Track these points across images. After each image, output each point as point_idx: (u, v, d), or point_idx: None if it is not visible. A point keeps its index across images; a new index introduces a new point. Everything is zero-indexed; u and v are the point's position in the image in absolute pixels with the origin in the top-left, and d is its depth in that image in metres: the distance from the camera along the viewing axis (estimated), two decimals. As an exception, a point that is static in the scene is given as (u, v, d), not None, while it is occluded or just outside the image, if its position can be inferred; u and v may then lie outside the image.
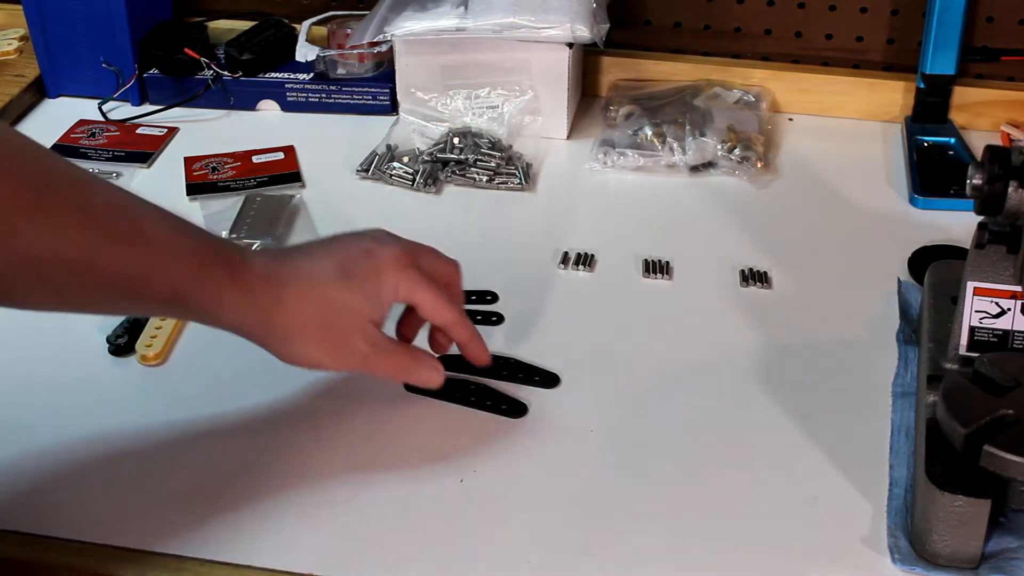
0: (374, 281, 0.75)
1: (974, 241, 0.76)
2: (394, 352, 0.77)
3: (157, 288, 0.69)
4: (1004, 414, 0.70)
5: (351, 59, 1.23)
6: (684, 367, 0.88)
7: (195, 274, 0.70)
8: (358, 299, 0.74)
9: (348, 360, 0.75)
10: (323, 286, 0.74)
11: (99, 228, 0.67)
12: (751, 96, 1.23)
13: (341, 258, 0.76)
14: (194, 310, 0.72)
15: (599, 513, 0.75)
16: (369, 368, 0.76)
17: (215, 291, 0.71)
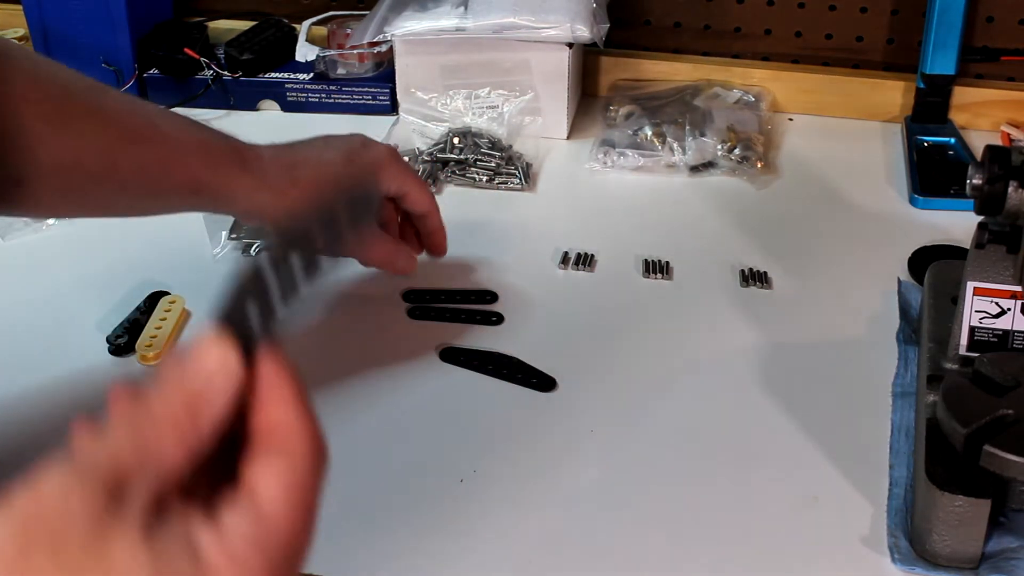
0: (373, 172, 0.82)
1: (974, 241, 0.76)
2: (384, 241, 0.85)
3: (175, 180, 0.74)
4: (1004, 414, 0.70)
5: (351, 59, 1.23)
6: (684, 367, 0.88)
7: (210, 163, 0.75)
8: (362, 180, 0.79)
9: (348, 248, 0.79)
10: (334, 167, 0.81)
11: (117, 130, 0.72)
12: (751, 96, 1.23)
13: (344, 149, 0.84)
14: (212, 198, 0.77)
15: (599, 513, 0.75)
16: (364, 254, 0.84)
17: (231, 177, 0.76)
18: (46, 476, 0.37)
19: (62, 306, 0.94)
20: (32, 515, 0.36)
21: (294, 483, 0.40)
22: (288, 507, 0.39)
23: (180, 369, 0.40)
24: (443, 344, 0.89)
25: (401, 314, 0.93)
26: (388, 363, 0.88)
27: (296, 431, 0.40)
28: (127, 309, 0.92)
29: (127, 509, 0.36)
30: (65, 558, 0.35)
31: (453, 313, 0.92)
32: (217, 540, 0.38)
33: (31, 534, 0.35)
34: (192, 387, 0.39)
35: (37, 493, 0.37)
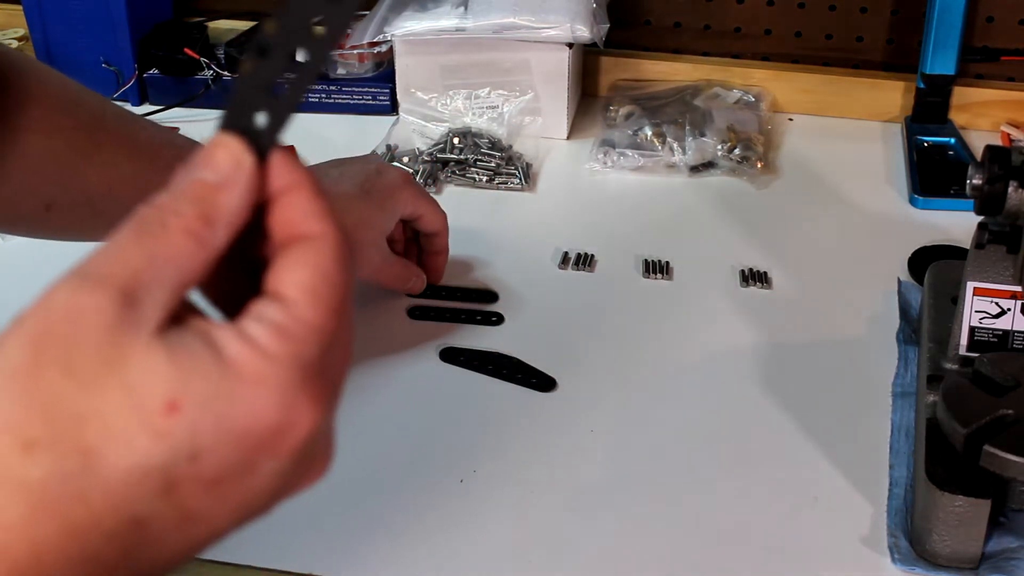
0: (390, 198, 0.85)
1: (974, 241, 0.76)
2: (396, 263, 0.88)
3: None
4: (1004, 414, 0.70)
5: (351, 59, 1.23)
6: (684, 367, 0.88)
7: None
8: (377, 214, 0.84)
9: (363, 270, 0.83)
10: (349, 204, 0.82)
11: (147, 160, 0.72)
12: (751, 96, 1.23)
13: (359, 178, 0.85)
14: None
15: (599, 513, 0.75)
16: (377, 277, 0.87)
17: None
18: (55, 288, 0.35)
19: (62, 306, 0.94)
20: (43, 329, 0.34)
21: (320, 274, 0.37)
22: (315, 299, 0.36)
23: (189, 170, 0.37)
24: (443, 344, 0.89)
25: (401, 314, 0.93)
26: (388, 363, 0.88)
27: (316, 226, 0.38)
28: (127, 309, 0.92)
29: (142, 314, 0.34)
30: (79, 369, 0.33)
31: (453, 313, 0.92)
32: (241, 337, 0.35)
33: (42, 348, 0.33)
34: (204, 184, 0.37)
35: (47, 306, 0.34)
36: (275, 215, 0.38)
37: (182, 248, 0.35)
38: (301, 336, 0.35)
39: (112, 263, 0.35)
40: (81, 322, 0.33)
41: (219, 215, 0.36)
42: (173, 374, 0.33)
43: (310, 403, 0.35)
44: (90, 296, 0.34)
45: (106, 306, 0.34)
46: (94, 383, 0.33)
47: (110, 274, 0.34)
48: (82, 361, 0.33)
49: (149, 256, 0.35)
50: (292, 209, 0.37)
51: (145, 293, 0.34)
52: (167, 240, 0.35)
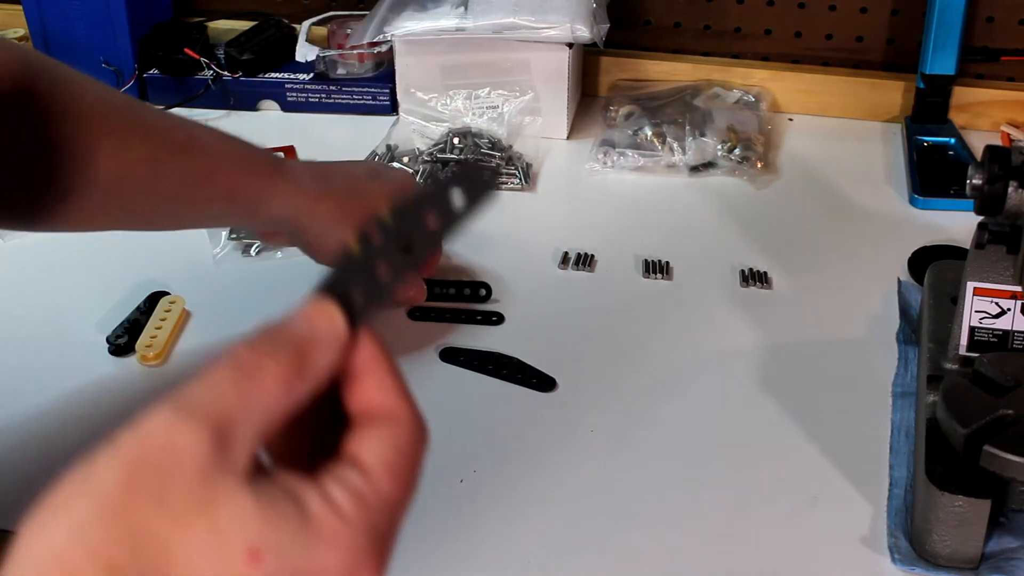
0: (396, 185, 0.86)
1: (974, 241, 0.76)
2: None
3: (215, 189, 0.77)
4: (1004, 414, 0.70)
5: (351, 59, 1.23)
6: (684, 367, 0.88)
7: (248, 170, 0.78)
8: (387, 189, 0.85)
9: None
10: (361, 181, 0.85)
11: (160, 142, 0.74)
12: (751, 96, 1.23)
13: (368, 167, 0.91)
14: (248, 205, 0.79)
15: (599, 513, 0.75)
16: None
17: (268, 183, 0.78)
18: (151, 417, 0.35)
19: (62, 306, 0.94)
20: (138, 457, 0.35)
21: (398, 451, 0.39)
22: (392, 474, 0.39)
23: (286, 323, 0.39)
24: (443, 344, 0.89)
25: (401, 314, 0.93)
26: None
27: (398, 405, 0.40)
28: (127, 309, 0.92)
29: (233, 457, 0.35)
30: (171, 504, 0.34)
31: (453, 313, 0.92)
32: (323, 498, 0.37)
33: (136, 477, 0.34)
34: (302, 338, 0.39)
35: (143, 434, 0.35)
36: (358, 386, 0.40)
37: (274, 394, 0.37)
38: (377, 506, 0.38)
39: (208, 400, 0.36)
40: (176, 457, 0.34)
41: (310, 370, 0.38)
42: (258, 523, 0.35)
43: (373, 567, 0.38)
44: (186, 432, 0.35)
45: (201, 445, 0.35)
46: (184, 520, 0.34)
47: (206, 412, 0.35)
48: (174, 496, 0.34)
49: (243, 398, 0.36)
50: (374, 386, 0.40)
51: (237, 435, 0.35)
52: (262, 385, 0.37)
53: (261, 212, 0.80)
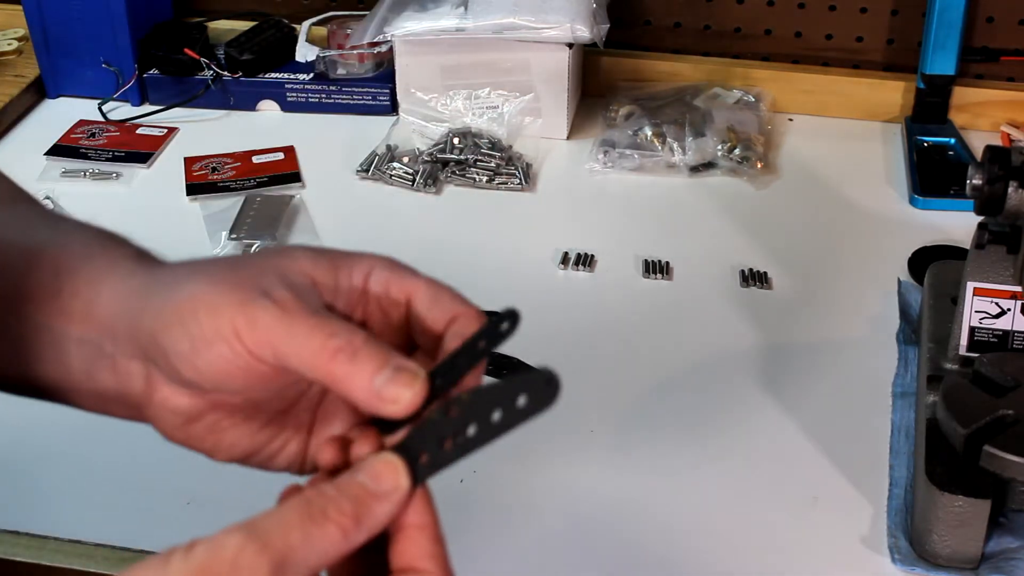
0: (337, 251, 0.50)
1: (974, 241, 0.76)
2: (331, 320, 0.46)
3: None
4: (1004, 414, 0.70)
5: (351, 59, 1.23)
6: (684, 367, 0.88)
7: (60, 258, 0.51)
8: (302, 253, 0.49)
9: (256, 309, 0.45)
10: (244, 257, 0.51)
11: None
12: (751, 96, 1.23)
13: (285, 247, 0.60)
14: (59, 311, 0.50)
15: (599, 513, 0.75)
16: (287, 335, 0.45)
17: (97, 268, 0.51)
18: (228, 534, 0.40)
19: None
20: (206, 566, 0.39)
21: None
22: None
23: (357, 472, 0.43)
24: (443, 344, 0.89)
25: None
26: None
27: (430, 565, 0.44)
28: (127, 309, 0.92)
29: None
30: None
31: (453, 313, 0.92)
32: None
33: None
34: (366, 491, 0.42)
35: (216, 547, 0.40)
36: (403, 541, 0.44)
37: (332, 539, 0.41)
38: None
39: (277, 533, 0.40)
40: (237, 572, 0.39)
41: (368, 520, 0.42)
42: None
43: None
44: (251, 556, 0.39)
45: (260, 570, 0.39)
46: None
47: (272, 543, 0.40)
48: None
49: (306, 538, 0.41)
50: (416, 545, 0.44)
51: (292, 569, 0.40)
52: (323, 529, 0.41)
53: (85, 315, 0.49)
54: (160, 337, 0.46)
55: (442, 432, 0.44)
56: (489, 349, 0.47)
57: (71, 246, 0.51)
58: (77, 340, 0.49)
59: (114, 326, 0.48)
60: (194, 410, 0.49)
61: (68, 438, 0.81)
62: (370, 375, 0.44)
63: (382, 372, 0.44)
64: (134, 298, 0.48)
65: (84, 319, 0.49)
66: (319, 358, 0.44)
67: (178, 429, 0.50)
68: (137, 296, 0.48)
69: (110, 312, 0.48)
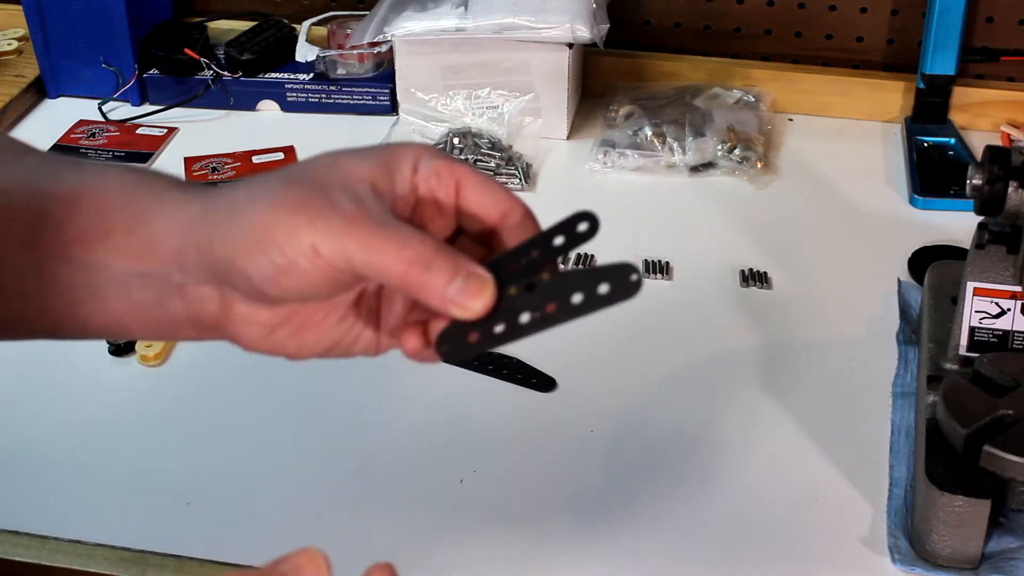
0: (381, 148, 0.51)
1: (974, 241, 0.76)
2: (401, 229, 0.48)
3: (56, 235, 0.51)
4: (1004, 414, 0.70)
5: (351, 59, 1.23)
6: (684, 367, 0.88)
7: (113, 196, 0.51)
8: (352, 159, 0.50)
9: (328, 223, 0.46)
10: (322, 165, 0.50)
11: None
12: (751, 96, 1.23)
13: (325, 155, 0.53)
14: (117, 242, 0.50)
15: (599, 513, 0.75)
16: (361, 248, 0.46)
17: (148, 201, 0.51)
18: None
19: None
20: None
21: None
22: None
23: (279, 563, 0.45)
24: (443, 344, 0.89)
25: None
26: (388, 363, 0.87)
27: None
28: (127, 309, 0.92)
29: None
30: None
31: (453, 313, 0.92)
32: None
33: None
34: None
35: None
36: None
37: None
38: None
39: None
40: None
41: None
42: None
43: None
44: None
45: None
46: None
47: None
48: None
49: None
50: None
51: None
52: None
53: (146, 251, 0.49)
54: (240, 263, 0.47)
55: (520, 306, 0.47)
56: (568, 248, 0.52)
57: (107, 186, 0.51)
58: (139, 275, 0.50)
59: (181, 256, 0.49)
60: (275, 321, 0.51)
61: (68, 438, 0.81)
62: (444, 284, 0.46)
63: (454, 281, 0.47)
64: (196, 227, 0.49)
65: (145, 254, 0.49)
66: (395, 269, 0.46)
67: (260, 340, 0.51)
68: (198, 225, 0.49)
69: (172, 244, 0.49)
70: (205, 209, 0.49)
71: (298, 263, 0.46)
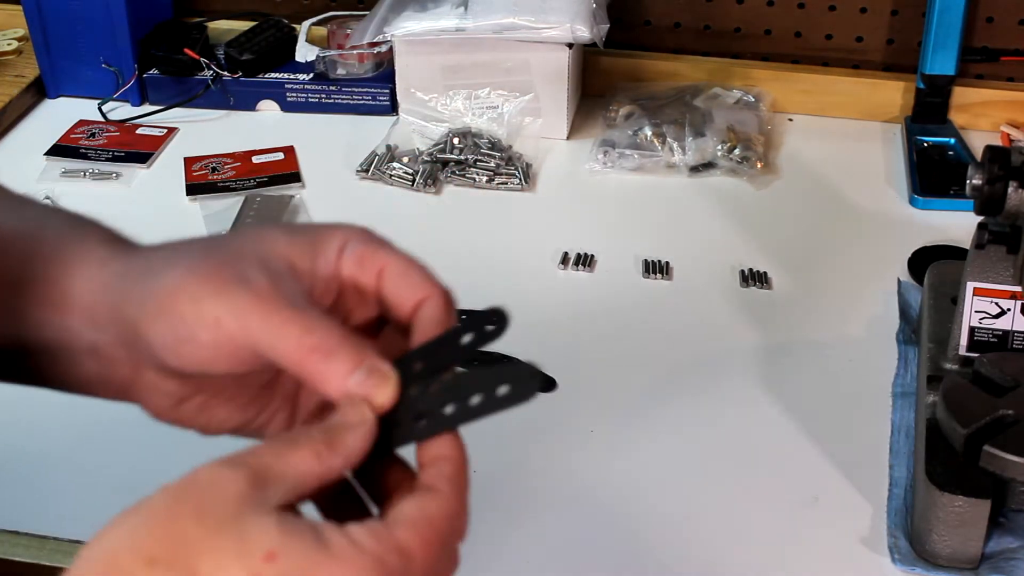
0: (311, 227, 0.50)
1: (974, 241, 0.76)
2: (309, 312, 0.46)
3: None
4: (1004, 414, 0.70)
5: (351, 59, 1.23)
6: (684, 367, 0.88)
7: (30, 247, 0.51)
8: (278, 234, 0.49)
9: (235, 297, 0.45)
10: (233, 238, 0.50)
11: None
12: (751, 96, 1.23)
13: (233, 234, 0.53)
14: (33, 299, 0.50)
15: (598, 513, 0.75)
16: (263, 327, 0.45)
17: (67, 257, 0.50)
18: (202, 466, 0.41)
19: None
20: (184, 487, 0.41)
21: (425, 516, 0.43)
22: (413, 530, 0.42)
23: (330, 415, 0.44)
24: (443, 344, 0.89)
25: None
26: (388, 363, 0.88)
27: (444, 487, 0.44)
28: (127, 309, 0.92)
29: (265, 495, 0.41)
30: (207, 517, 0.40)
31: (453, 313, 0.92)
32: (340, 528, 0.41)
33: (181, 500, 0.41)
34: (334, 423, 0.44)
35: (192, 474, 0.41)
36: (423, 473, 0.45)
37: (306, 460, 0.42)
38: (389, 548, 0.41)
39: (251, 455, 0.42)
40: (217, 486, 0.41)
41: (340, 446, 0.43)
42: (278, 535, 0.40)
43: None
44: (229, 471, 0.41)
45: (240, 480, 0.41)
46: (217, 529, 0.40)
47: (248, 461, 0.41)
48: (211, 512, 0.40)
49: (280, 457, 0.42)
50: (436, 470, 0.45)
51: (271, 482, 0.41)
52: (296, 452, 0.42)
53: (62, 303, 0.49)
54: (142, 329, 0.47)
55: (419, 407, 0.45)
56: (475, 347, 0.50)
57: (44, 232, 0.51)
58: (57, 327, 0.50)
59: (94, 314, 0.49)
60: (182, 392, 0.50)
61: (68, 439, 0.81)
62: (343, 376, 0.44)
63: (355, 374, 0.45)
64: (112, 286, 0.49)
65: (62, 307, 0.49)
66: (294, 354, 0.45)
67: (168, 411, 0.51)
68: (115, 284, 0.48)
69: (88, 301, 0.49)
70: (125, 269, 0.49)
71: (199, 335, 0.45)
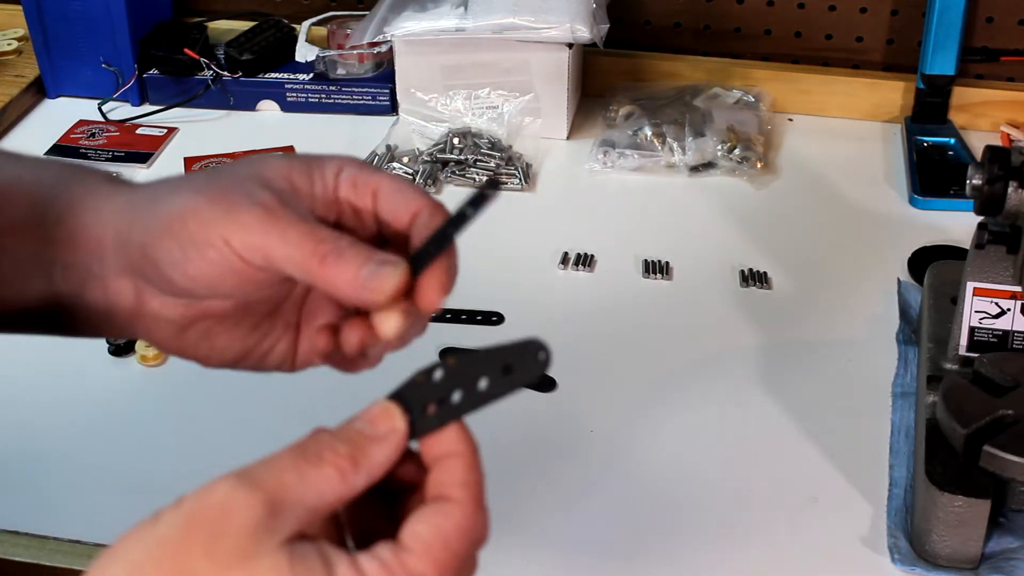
0: (307, 154, 0.51)
1: (974, 241, 0.76)
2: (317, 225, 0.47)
3: None
4: (1004, 414, 0.70)
5: (351, 59, 1.23)
6: (684, 367, 0.88)
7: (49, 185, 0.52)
8: (276, 159, 0.50)
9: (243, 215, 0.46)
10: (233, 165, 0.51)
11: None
12: (751, 96, 1.23)
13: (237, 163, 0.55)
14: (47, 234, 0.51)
15: (598, 513, 0.75)
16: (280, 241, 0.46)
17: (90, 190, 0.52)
18: (218, 482, 0.40)
19: (62, 306, 0.94)
20: (198, 512, 0.39)
21: (440, 535, 0.41)
22: (426, 553, 0.41)
23: (352, 420, 0.43)
24: (443, 344, 0.89)
25: (401, 314, 0.92)
26: (388, 363, 0.87)
27: (458, 495, 0.42)
28: (127, 309, 0.92)
29: (280, 524, 0.39)
30: (218, 552, 0.38)
31: (453, 313, 0.92)
32: (351, 562, 0.40)
33: (193, 528, 0.39)
34: (360, 434, 0.43)
35: (205, 494, 0.40)
36: (434, 472, 0.43)
37: (328, 479, 0.41)
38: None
39: (270, 474, 0.40)
40: (230, 516, 0.39)
41: (366, 462, 0.42)
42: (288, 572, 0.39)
43: None
44: (244, 496, 0.39)
45: (255, 506, 0.39)
46: (226, 566, 0.38)
47: (265, 483, 0.40)
48: (223, 548, 0.39)
49: (301, 478, 0.40)
50: (448, 473, 0.43)
51: (288, 509, 0.40)
52: (319, 470, 0.41)
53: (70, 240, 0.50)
54: (151, 249, 0.48)
55: (426, 396, 0.44)
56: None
57: (43, 178, 0.52)
58: (63, 265, 0.51)
59: (101, 246, 0.50)
60: (186, 319, 0.51)
61: (68, 439, 0.81)
62: (356, 269, 0.45)
63: (367, 266, 0.45)
64: (119, 216, 0.50)
65: (70, 244, 0.50)
66: (308, 260, 0.46)
67: (171, 339, 0.52)
68: (122, 214, 0.50)
69: (96, 234, 0.50)
70: (131, 199, 0.50)
71: (205, 251, 0.46)
